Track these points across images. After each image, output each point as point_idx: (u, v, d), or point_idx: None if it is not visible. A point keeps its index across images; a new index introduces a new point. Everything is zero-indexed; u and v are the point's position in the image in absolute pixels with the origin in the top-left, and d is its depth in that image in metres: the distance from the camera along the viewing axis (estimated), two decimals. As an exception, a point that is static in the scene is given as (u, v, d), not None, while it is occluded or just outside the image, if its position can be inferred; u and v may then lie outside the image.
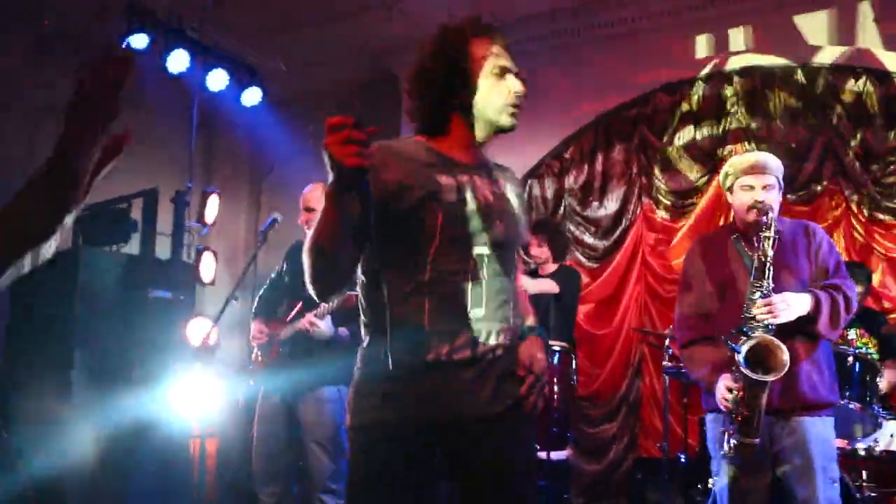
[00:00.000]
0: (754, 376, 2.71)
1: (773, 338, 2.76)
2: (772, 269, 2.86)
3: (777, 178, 3.09)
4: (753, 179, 3.06)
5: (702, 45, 6.25)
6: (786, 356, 2.71)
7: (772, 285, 2.85)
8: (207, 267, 5.51)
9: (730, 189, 3.18)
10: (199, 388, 4.45)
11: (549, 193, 6.62)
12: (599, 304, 6.32)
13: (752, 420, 2.78)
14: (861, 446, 3.91)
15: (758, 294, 2.85)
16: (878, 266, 5.32)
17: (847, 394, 3.85)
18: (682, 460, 4.92)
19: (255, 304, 4.11)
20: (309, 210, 3.94)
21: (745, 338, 2.80)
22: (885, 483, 4.19)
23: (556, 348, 4.86)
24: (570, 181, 6.56)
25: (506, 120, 2.07)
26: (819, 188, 5.65)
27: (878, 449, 4.01)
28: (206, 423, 4.94)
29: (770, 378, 2.71)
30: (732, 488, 2.92)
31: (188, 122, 6.47)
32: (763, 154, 3.19)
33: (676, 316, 3.26)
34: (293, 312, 3.82)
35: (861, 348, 4.31)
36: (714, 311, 3.09)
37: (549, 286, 5.10)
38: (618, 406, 6.08)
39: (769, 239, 2.89)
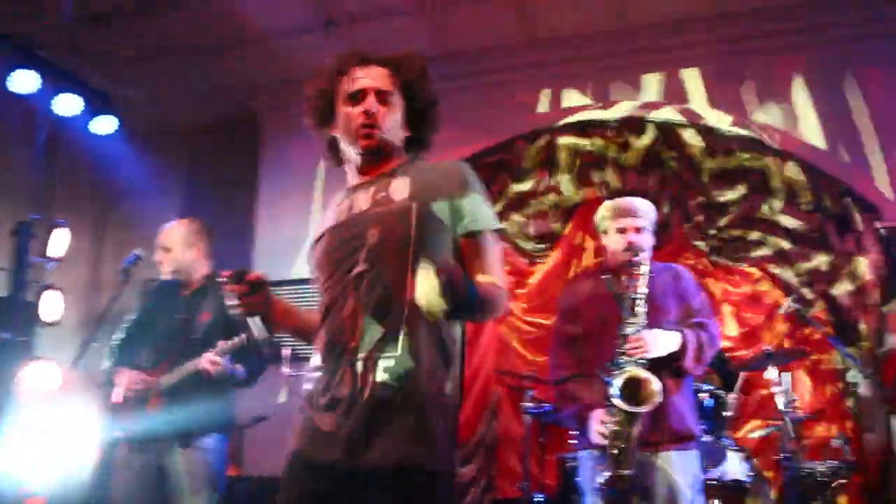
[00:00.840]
0: (628, 408, 2.82)
1: (645, 372, 2.89)
2: (644, 306, 3.00)
3: (649, 222, 3.27)
4: (627, 222, 3.23)
5: (563, 98, 6.54)
6: (658, 388, 2.84)
7: (644, 322, 2.99)
8: (51, 305, 5.12)
9: (604, 231, 3.33)
10: (39, 439, 4.06)
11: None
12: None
13: (625, 452, 2.88)
14: (712, 476, 4.14)
15: (630, 330, 2.98)
16: (719, 307, 5.67)
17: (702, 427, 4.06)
18: (538, 500, 4.99)
19: (109, 350, 3.82)
20: (166, 249, 3.76)
21: (618, 371, 2.92)
22: (733, 510, 4.45)
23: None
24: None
25: (360, 144, 2.06)
26: (667, 234, 6.00)
27: (726, 478, 4.27)
28: (45, 479, 4.51)
29: (644, 409, 2.82)
30: (606, 522, 2.99)
31: (31, 148, 6.06)
32: (637, 199, 3.36)
33: (550, 354, 3.36)
34: (168, 359, 3.59)
35: (706, 384, 4.56)
36: (587, 348, 3.20)
37: None
38: (475, 448, 6.11)
39: (642, 277, 3.04)
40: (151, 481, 3.55)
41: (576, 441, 3.56)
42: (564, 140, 6.44)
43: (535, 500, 4.80)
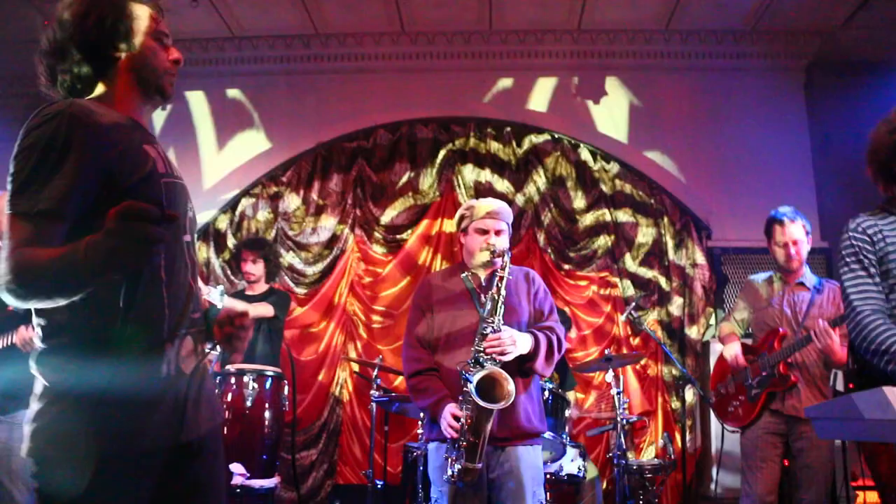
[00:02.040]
0: (484, 404, 2.90)
1: (501, 370, 2.97)
2: (503, 307, 3.09)
3: (508, 225, 3.36)
4: (488, 223, 3.30)
5: (427, 91, 6.59)
6: (512, 387, 2.93)
7: (502, 322, 3.07)
8: None
9: (464, 230, 3.39)
10: None
11: (262, 215, 6.52)
12: (305, 331, 6.32)
13: (476, 446, 2.96)
14: (549, 470, 4.33)
15: (489, 329, 3.05)
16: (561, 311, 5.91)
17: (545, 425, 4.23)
18: (380, 486, 5.04)
19: None
20: None
21: (477, 368, 2.99)
22: (566, 501, 4.67)
23: (269, 373, 4.79)
24: (284, 205, 6.52)
25: (167, 85, 1.93)
26: (518, 237, 6.20)
27: (562, 472, 4.47)
28: None
29: (499, 406, 2.91)
30: (453, 512, 3.07)
31: None
32: (498, 201, 3.42)
33: (404, 347, 3.38)
34: None
35: (548, 382, 4.75)
36: (441, 344, 3.26)
37: (266, 310, 5.04)
38: (318, 433, 6.10)
39: (503, 279, 3.12)
40: None
41: (424, 432, 3.62)
42: (426, 133, 6.50)
43: (377, 486, 4.83)
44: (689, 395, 5.74)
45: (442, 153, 6.47)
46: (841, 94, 6.03)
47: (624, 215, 6.27)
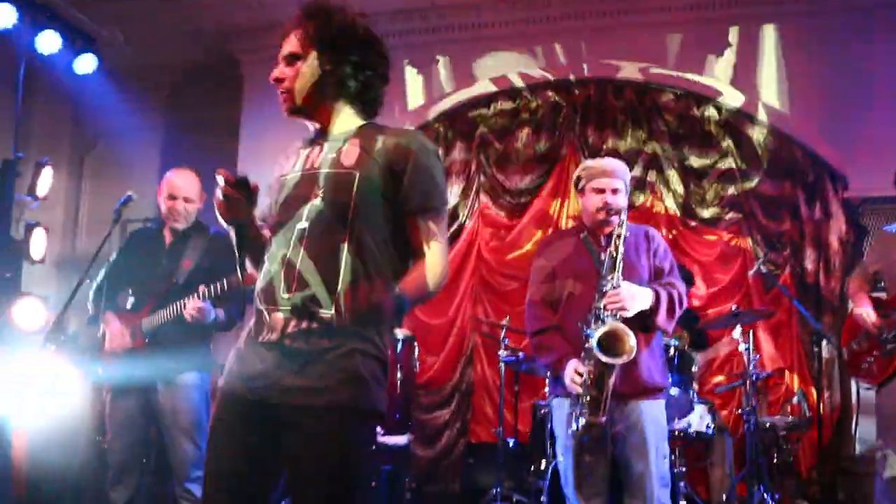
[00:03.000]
0: (606, 359, 2.96)
1: (623, 325, 3.02)
2: (622, 264, 3.13)
3: (625, 183, 3.38)
4: (604, 182, 3.33)
5: (546, 54, 6.57)
6: (633, 342, 2.98)
7: (621, 279, 3.12)
8: (38, 244, 5.16)
9: (581, 190, 3.43)
10: (30, 374, 4.13)
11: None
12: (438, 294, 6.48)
13: (599, 401, 3.03)
14: (677, 428, 4.34)
15: (609, 286, 3.10)
16: (691, 268, 5.84)
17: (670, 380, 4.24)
18: (511, 445, 5.18)
19: (94, 290, 3.90)
20: (173, 198, 3.79)
21: (598, 324, 3.05)
22: (693, 459, 4.68)
23: (400, 336, 5.00)
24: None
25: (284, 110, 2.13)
26: (643, 195, 6.14)
27: (690, 430, 4.47)
28: (36, 414, 4.60)
29: (620, 361, 2.97)
30: (578, 465, 3.16)
31: (10, 86, 6.00)
32: (613, 160, 3.46)
33: (527, 306, 3.47)
34: (150, 303, 3.68)
35: (676, 340, 4.73)
36: (562, 302, 3.33)
37: None
38: (451, 393, 6.30)
39: (620, 237, 3.16)
40: (138, 422, 3.67)
41: (549, 389, 3.72)
42: (546, 97, 6.51)
43: (508, 444, 4.98)
44: (826, 351, 5.56)
45: (562, 114, 6.45)
46: None
47: (753, 168, 6.07)
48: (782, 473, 4.81)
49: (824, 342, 5.45)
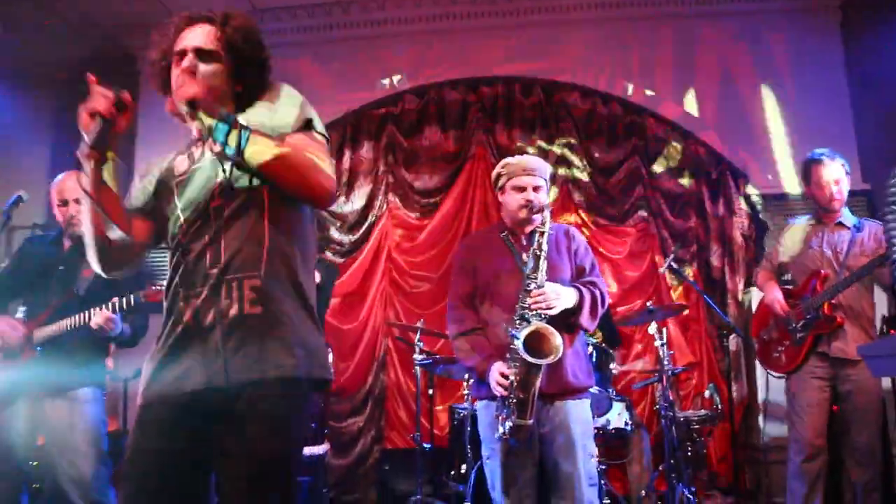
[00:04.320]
0: (532, 360, 2.91)
1: (547, 325, 2.98)
2: (546, 263, 3.09)
3: (545, 181, 3.34)
4: (526, 180, 3.28)
5: (454, 52, 6.53)
6: (560, 342, 2.94)
7: (546, 278, 3.07)
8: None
9: (501, 188, 3.38)
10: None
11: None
12: (345, 299, 6.36)
13: (526, 402, 2.98)
14: (597, 425, 4.35)
15: (533, 285, 3.06)
16: (601, 266, 5.89)
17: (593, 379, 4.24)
18: (428, 450, 5.10)
19: None
20: (64, 203, 3.59)
21: (523, 325, 3.00)
22: (612, 457, 4.70)
23: (314, 342, 4.83)
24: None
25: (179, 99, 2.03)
26: (553, 195, 6.16)
27: (609, 427, 4.49)
28: None
29: (547, 361, 2.92)
30: (505, 467, 3.10)
31: None
32: (534, 158, 3.42)
33: (448, 308, 3.40)
34: (44, 313, 3.45)
35: (591, 338, 4.75)
36: (483, 303, 3.27)
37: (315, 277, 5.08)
38: (363, 400, 6.17)
39: (544, 235, 3.12)
40: (26, 437, 3.43)
41: (472, 392, 3.65)
42: (454, 96, 6.46)
43: (425, 449, 4.89)
44: (733, 344, 5.71)
45: (471, 114, 6.42)
46: (879, 32, 5.85)
47: (658, 167, 6.20)
48: (696, 466, 4.89)
49: (732, 335, 5.59)
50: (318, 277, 5.04)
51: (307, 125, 2.05)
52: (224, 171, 1.90)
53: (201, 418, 1.84)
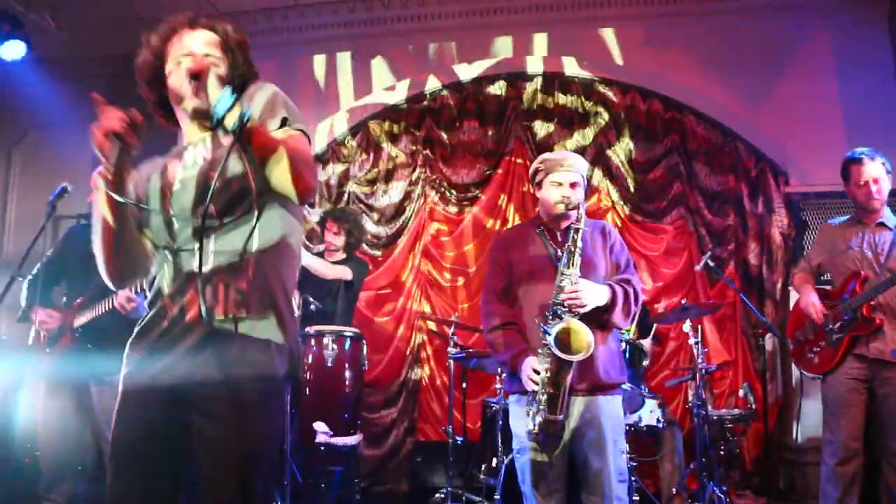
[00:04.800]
0: (563, 356, 2.92)
1: (580, 322, 2.99)
2: (580, 259, 3.09)
3: (583, 177, 3.34)
4: (563, 176, 3.28)
5: (493, 48, 6.55)
6: (591, 339, 2.94)
7: (579, 275, 3.08)
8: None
9: (539, 184, 3.38)
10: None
11: (334, 180, 6.62)
12: (381, 292, 6.42)
13: (557, 398, 2.99)
14: (629, 422, 4.34)
15: (566, 282, 3.06)
16: (636, 263, 5.87)
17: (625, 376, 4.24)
18: (459, 443, 5.12)
19: (27, 286, 3.75)
20: None
21: (555, 321, 3.01)
22: (643, 454, 4.69)
23: (349, 334, 4.90)
24: (355, 168, 6.61)
25: (187, 101, 2.01)
26: (590, 191, 6.15)
27: (641, 424, 4.48)
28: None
29: (578, 358, 2.93)
30: (535, 463, 3.11)
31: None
32: (572, 154, 3.42)
33: (483, 302, 3.42)
34: (83, 297, 3.54)
35: (625, 334, 4.74)
36: (518, 298, 3.28)
37: (344, 272, 5.14)
38: (397, 392, 6.23)
39: (579, 231, 3.12)
40: (73, 425, 3.52)
41: (504, 386, 3.67)
42: (493, 91, 6.47)
43: (457, 442, 4.92)
44: (769, 343, 5.65)
45: (509, 109, 6.43)
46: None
47: (698, 164, 6.15)
48: (728, 465, 4.86)
49: (768, 335, 5.54)
50: (349, 274, 5.10)
51: (284, 123, 2.05)
52: (216, 175, 1.92)
53: (181, 411, 1.91)
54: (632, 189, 6.19)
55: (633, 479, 4.19)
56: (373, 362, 6.17)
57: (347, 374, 4.81)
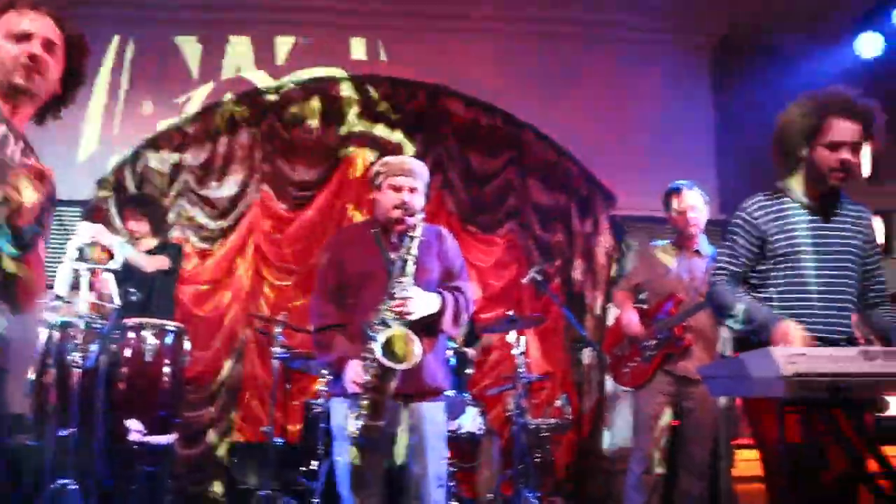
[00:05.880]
0: (389, 364, 2.90)
1: (408, 330, 2.98)
2: (414, 267, 3.09)
3: (423, 183, 3.35)
4: (403, 181, 3.27)
5: (344, 48, 6.49)
6: (419, 349, 2.94)
7: (412, 282, 3.08)
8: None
9: (378, 186, 3.35)
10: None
11: (166, 167, 6.30)
12: (207, 286, 6.18)
13: (380, 404, 2.97)
14: (449, 428, 4.40)
15: (398, 289, 3.05)
16: (471, 274, 5.97)
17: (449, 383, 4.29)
18: (279, 444, 5.01)
19: None
20: None
21: (383, 327, 2.99)
22: (462, 460, 4.77)
23: (171, 328, 4.68)
24: (189, 157, 6.33)
25: (14, 80, 2.03)
26: (427, 198, 6.18)
27: (462, 431, 4.55)
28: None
29: (403, 367, 2.92)
30: (355, 466, 3.08)
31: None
32: (413, 160, 3.42)
33: (312, 301, 3.36)
34: None
35: (450, 342, 4.80)
36: (348, 300, 3.24)
37: (163, 262, 4.93)
38: (217, 390, 6.00)
39: (414, 239, 3.12)
40: None
41: (328, 388, 3.61)
42: (339, 91, 6.41)
43: (276, 444, 4.81)
44: (587, 357, 5.92)
45: (353, 111, 6.38)
46: (746, 76, 6.22)
47: (532, 180, 6.35)
48: (542, 472, 5.03)
49: (587, 349, 5.79)
50: (167, 263, 4.90)
51: None
52: None
53: None
54: (467, 200, 6.30)
55: (450, 484, 4.26)
56: (194, 358, 5.91)
57: (166, 370, 4.58)
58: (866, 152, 2.85)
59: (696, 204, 4.22)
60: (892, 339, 2.76)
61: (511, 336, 4.77)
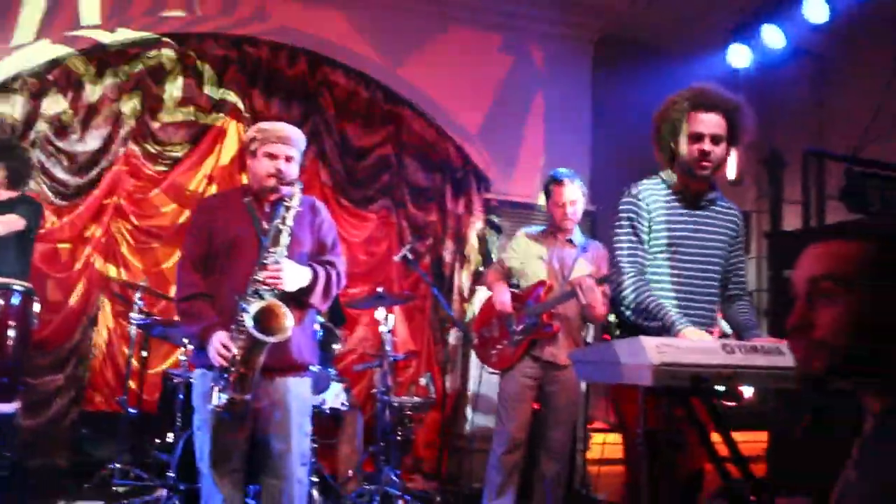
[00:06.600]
0: (260, 337, 2.83)
1: (280, 303, 2.92)
2: (288, 238, 3.02)
3: (299, 152, 3.26)
4: (279, 148, 3.17)
5: (226, 4, 6.15)
6: (290, 322, 2.89)
7: (285, 254, 3.00)
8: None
9: (253, 153, 3.24)
10: None
11: (20, 114, 5.85)
12: (61, 245, 5.82)
13: (247, 377, 2.90)
14: (314, 404, 4.34)
15: (270, 259, 2.97)
16: (342, 248, 5.91)
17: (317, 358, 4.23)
18: (133, 415, 4.82)
19: None
20: None
21: (255, 298, 2.91)
22: (324, 436, 4.74)
23: (18, 288, 4.39)
24: (47, 105, 5.89)
25: None
26: (302, 168, 6.06)
27: (325, 406, 4.52)
28: None
29: (274, 339, 2.85)
30: (215, 442, 3.00)
31: None
32: (291, 127, 3.30)
33: (178, 269, 3.24)
34: None
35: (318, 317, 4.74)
36: (216, 269, 3.13)
37: (16, 222, 4.56)
38: (67, 356, 5.67)
39: (290, 209, 3.04)
40: None
41: (190, 359, 3.50)
42: (216, 50, 6.15)
43: (130, 414, 4.61)
44: (453, 338, 6.00)
45: (230, 72, 6.15)
46: (624, 74, 6.39)
47: (409, 158, 6.35)
48: (403, 450, 5.06)
49: (453, 329, 5.86)
50: (21, 224, 4.55)
51: None
52: None
53: None
54: (342, 173, 6.22)
55: (312, 460, 4.22)
56: (43, 321, 5.57)
57: (11, 333, 4.30)
58: (733, 156, 3.01)
59: (576, 198, 4.29)
60: (744, 336, 2.92)
61: (379, 313, 4.76)
